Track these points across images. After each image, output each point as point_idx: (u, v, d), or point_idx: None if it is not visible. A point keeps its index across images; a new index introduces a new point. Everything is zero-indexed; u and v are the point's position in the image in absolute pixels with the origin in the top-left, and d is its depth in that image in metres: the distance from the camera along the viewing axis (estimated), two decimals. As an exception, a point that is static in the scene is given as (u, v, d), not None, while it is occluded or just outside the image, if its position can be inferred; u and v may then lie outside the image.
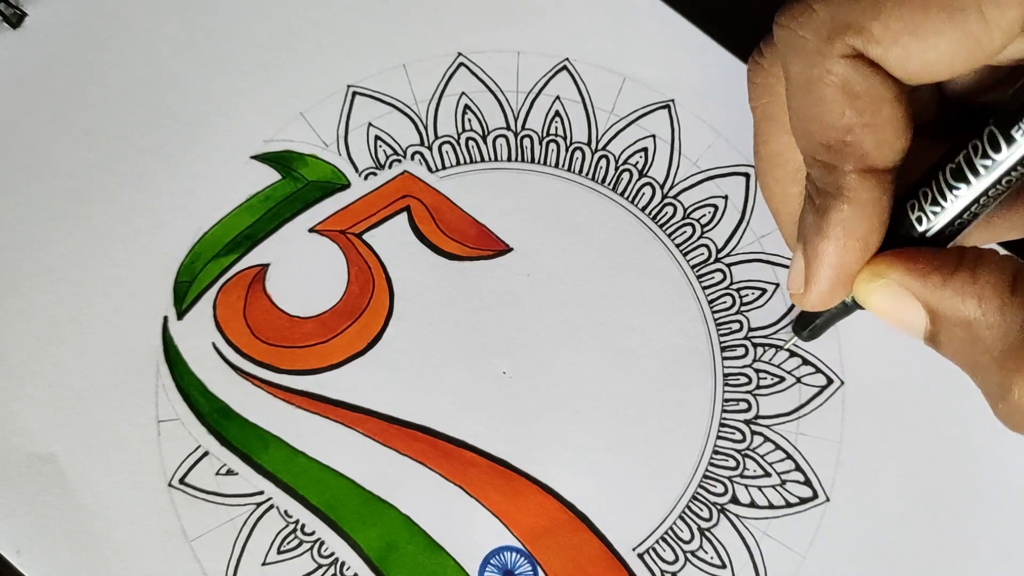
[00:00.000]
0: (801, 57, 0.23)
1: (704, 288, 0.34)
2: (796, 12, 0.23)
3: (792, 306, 0.33)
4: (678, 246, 0.34)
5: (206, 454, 0.32)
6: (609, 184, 0.35)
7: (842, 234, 0.24)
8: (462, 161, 0.35)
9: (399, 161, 0.35)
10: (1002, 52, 0.22)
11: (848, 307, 0.26)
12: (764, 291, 0.34)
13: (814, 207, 0.24)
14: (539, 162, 0.35)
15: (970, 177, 0.23)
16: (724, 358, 0.33)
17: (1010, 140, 0.22)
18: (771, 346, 0.33)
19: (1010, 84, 0.24)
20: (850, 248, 0.24)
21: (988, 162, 0.22)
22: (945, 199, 0.23)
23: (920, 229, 0.24)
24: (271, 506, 0.31)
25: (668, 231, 0.34)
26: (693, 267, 0.34)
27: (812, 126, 0.23)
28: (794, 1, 0.23)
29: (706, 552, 0.31)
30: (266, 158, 0.35)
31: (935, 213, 0.24)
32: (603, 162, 0.35)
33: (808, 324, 0.28)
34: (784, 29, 0.23)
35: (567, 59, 0.36)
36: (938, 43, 0.21)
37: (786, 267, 0.34)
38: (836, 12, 0.22)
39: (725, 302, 0.34)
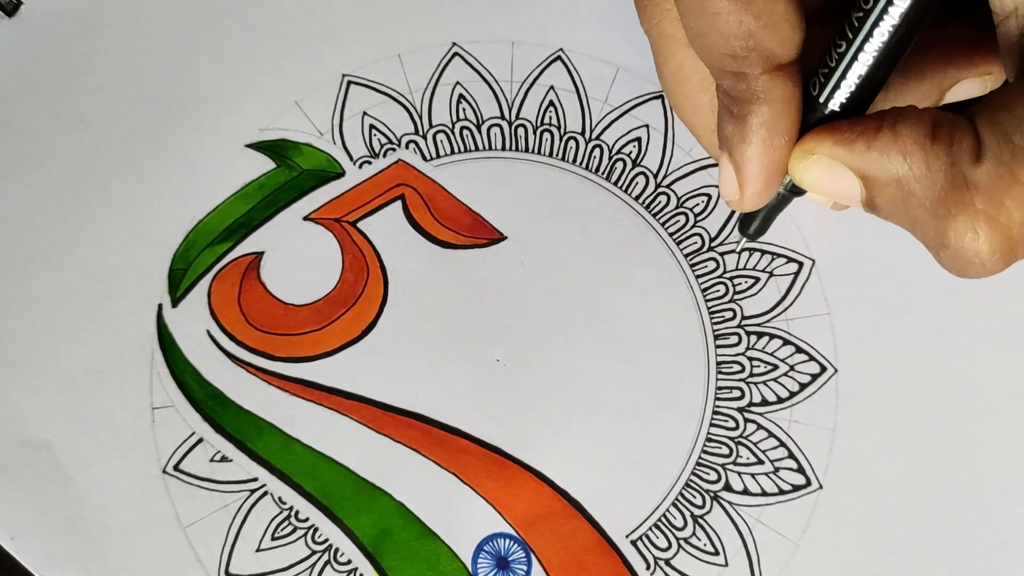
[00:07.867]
0: None
1: (697, 277, 0.34)
2: None
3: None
4: (671, 235, 0.34)
5: (200, 441, 0.32)
6: (603, 173, 0.35)
7: (766, 134, 0.25)
8: (456, 150, 0.35)
9: (393, 150, 0.35)
10: None
11: (785, 196, 0.27)
12: (757, 280, 0.34)
13: (731, 115, 0.25)
14: (533, 151, 0.35)
15: (849, 34, 0.24)
16: (717, 346, 0.33)
17: None
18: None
19: None
20: (776, 145, 0.25)
21: (860, 14, 0.23)
22: (838, 64, 0.24)
23: (826, 102, 0.25)
24: (265, 493, 0.31)
25: (662, 220, 0.34)
26: (686, 256, 0.34)
27: (713, 40, 0.24)
28: None
29: (699, 539, 0.32)
30: (261, 146, 0.35)
31: (835, 83, 0.24)
32: (597, 151, 0.35)
33: (751, 221, 0.29)
34: None
35: (561, 49, 0.36)
36: None
37: (780, 255, 0.34)
38: None
39: (718, 290, 0.34)
